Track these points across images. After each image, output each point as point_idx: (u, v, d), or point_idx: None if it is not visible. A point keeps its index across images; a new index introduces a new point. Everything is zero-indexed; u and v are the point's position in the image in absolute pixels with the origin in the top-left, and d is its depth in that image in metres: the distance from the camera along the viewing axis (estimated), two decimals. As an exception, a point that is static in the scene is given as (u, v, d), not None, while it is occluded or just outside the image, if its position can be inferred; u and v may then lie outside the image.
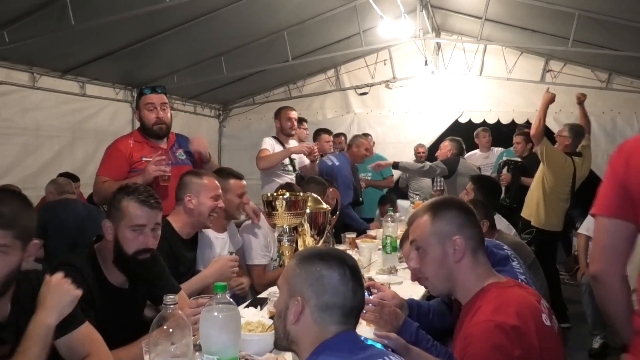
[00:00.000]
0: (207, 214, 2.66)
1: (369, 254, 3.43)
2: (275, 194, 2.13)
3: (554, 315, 1.65)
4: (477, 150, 6.96)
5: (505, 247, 2.11)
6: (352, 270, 1.40)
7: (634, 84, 6.58)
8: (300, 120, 5.52)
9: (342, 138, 6.72)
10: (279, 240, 2.14)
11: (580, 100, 5.08)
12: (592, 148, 5.19)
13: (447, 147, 5.80)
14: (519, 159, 5.72)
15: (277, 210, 2.08)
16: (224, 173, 3.18)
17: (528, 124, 6.90)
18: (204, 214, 2.65)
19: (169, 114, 3.26)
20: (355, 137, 5.70)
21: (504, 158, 5.73)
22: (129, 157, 3.12)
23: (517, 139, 5.87)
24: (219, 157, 7.89)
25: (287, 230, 2.13)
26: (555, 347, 1.52)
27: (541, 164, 4.76)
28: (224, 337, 1.43)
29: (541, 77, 6.86)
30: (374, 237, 4.22)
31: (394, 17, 5.68)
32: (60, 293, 1.58)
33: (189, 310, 1.93)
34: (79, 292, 1.62)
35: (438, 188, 6.65)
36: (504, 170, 5.71)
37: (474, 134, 6.95)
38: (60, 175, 4.89)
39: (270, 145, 4.55)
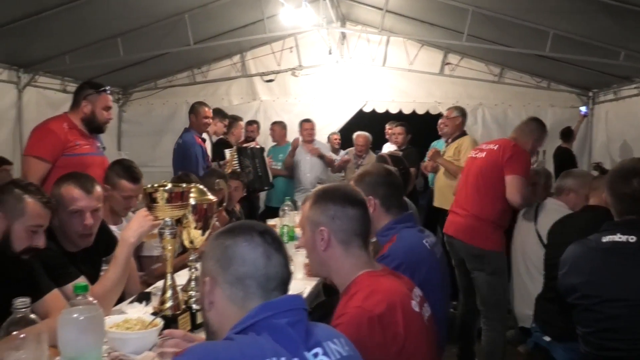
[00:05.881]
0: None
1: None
2: (156, 186, 2.03)
3: (426, 304, 1.74)
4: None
5: None
6: (261, 235, 1.24)
7: (524, 78, 7.01)
8: (224, 116, 5.72)
9: (255, 126, 6.64)
10: (161, 234, 2.04)
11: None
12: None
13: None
14: (399, 153, 5.80)
15: (158, 203, 1.99)
16: (119, 167, 2.99)
17: (428, 114, 7.18)
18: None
19: None
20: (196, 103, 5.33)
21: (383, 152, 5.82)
22: (65, 141, 3.28)
23: (398, 129, 6.05)
24: (119, 143, 7.54)
25: (169, 223, 2.05)
26: (422, 333, 1.61)
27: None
28: (84, 340, 1.34)
29: (440, 69, 7.11)
30: (274, 226, 4.21)
31: (296, 5, 5.65)
32: None
33: None
34: None
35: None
36: None
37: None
38: None
39: None
